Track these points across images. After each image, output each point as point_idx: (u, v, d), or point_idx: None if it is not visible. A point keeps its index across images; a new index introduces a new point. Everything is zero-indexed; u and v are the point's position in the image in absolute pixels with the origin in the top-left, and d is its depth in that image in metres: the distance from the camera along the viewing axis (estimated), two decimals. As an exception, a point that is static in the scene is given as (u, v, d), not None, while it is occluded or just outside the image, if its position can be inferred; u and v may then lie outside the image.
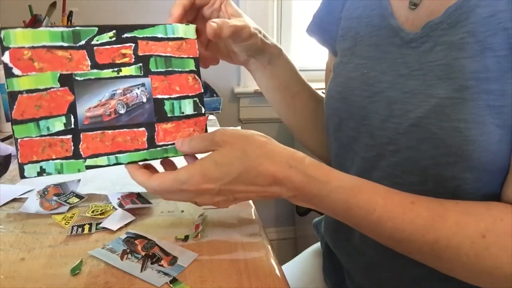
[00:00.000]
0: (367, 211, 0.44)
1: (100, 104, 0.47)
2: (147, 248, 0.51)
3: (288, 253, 1.60)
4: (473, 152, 0.45)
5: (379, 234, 0.46)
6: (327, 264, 0.75)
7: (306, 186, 0.45)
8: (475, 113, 0.44)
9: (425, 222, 0.43)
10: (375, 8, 0.57)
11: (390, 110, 0.52)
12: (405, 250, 0.46)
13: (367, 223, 0.45)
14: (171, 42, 0.50)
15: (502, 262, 0.42)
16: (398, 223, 0.44)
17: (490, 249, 0.42)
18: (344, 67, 0.60)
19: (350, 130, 0.58)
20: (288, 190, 0.45)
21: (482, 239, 0.42)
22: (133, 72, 0.48)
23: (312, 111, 0.71)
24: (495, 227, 0.42)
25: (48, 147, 0.45)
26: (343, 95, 0.59)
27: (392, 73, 0.53)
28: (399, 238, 0.44)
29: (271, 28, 1.50)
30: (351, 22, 0.61)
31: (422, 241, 0.43)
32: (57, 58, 0.45)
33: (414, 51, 0.51)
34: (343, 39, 0.62)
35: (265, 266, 0.49)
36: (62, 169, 0.46)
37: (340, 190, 0.45)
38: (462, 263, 0.43)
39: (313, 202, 0.46)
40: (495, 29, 0.44)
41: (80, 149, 0.46)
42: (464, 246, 0.42)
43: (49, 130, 0.45)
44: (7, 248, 0.51)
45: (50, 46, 0.45)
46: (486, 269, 0.42)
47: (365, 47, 0.57)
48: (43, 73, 0.44)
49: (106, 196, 0.63)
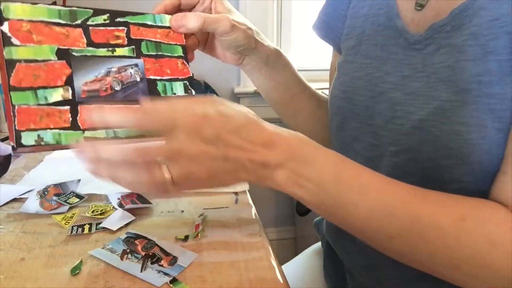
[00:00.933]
0: (354, 177, 0.44)
1: (96, 79, 0.48)
2: (147, 248, 0.51)
3: (288, 253, 1.60)
4: (474, 155, 0.45)
5: (362, 209, 0.43)
6: (328, 264, 0.75)
7: (299, 147, 0.44)
8: (476, 116, 0.44)
9: (408, 197, 0.43)
10: (382, 7, 0.57)
11: (393, 111, 0.52)
12: (387, 230, 0.43)
13: (352, 192, 0.43)
14: (159, 30, 0.53)
15: (480, 249, 0.41)
16: (382, 193, 0.43)
17: (469, 234, 0.41)
18: (348, 66, 0.60)
19: (353, 129, 0.58)
20: (280, 153, 0.42)
21: (461, 221, 0.42)
22: (127, 53, 0.50)
23: (312, 112, 0.71)
24: (475, 213, 0.42)
25: (45, 116, 0.44)
26: (348, 94, 0.59)
27: (397, 74, 0.53)
28: (382, 211, 0.43)
29: (271, 28, 1.50)
30: (356, 20, 0.61)
31: (405, 217, 0.42)
32: (55, 33, 0.47)
33: (418, 53, 0.51)
34: (348, 37, 0.62)
35: (265, 266, 0.49)
36: (60, 139, 0.45)
37: (330, 154, 0.45)
38: (442, 246, 0.42)
39: (300, 171, 0.43)
40: (498, 33, 0.44)
41: (78, 121, 0.46)
42: (444, 226, 0.42)
43: (47, 100, 0.45)
44: (7, 248, 0.51)
45: (48, 21, 0.46)
46: (465, 257, 0.42)
47: (370, 46, 0.57)
48: (41, 45, 0.46)
49: (106, 196, 0.63)
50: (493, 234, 0.42)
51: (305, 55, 1.59)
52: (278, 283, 0.46)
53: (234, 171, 0.42)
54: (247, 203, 0.63)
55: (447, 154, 0.46)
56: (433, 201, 0.43)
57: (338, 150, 0.62)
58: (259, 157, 0.42)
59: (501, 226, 0.42)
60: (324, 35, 0.70)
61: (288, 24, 1.56)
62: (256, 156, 0.42)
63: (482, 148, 0.45)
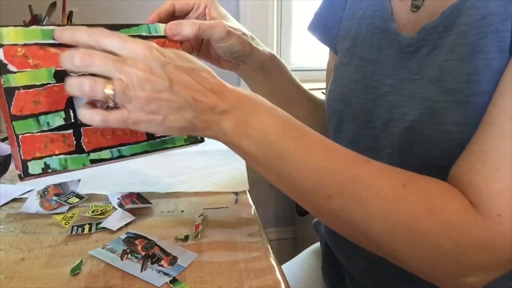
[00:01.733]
0: (301, 131, 0.45)
1: None
2: (147, 248, 0.51)
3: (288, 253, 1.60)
4: None
5: (305, 163, 0.43)
6: (327, 264, 0.75)
7: (249, 99, 0.44)
8: (467, 116, 0.44)
9: (351, 158, 0.44)
10: (378, 9, 0.57)
11: (391, 114, 0.52)
12: (327, 187, 0.43)
13: (298, 144, 0.43)
14: (155, 40, 0.52)
15: (417, 215, 0.41)
16: (326, 151, 0.44)
17: (408, 199, 0.41)
18: (344, 68, 0.60)
19: (350, 132, 0.58)
20: (229, 101, 0.43)
21: (402, 187, 0.42)
22: None
23: (308, 116, 0.70)
24: (416, 181, 0.43)
25: (50, 143, 0.44)
26: (345, 97, 0.58)
27: (394, 77, 0.53)
28: (324, 167, 0.43)
29: (271, 28, 1.50)
30: (352, 22, 0.61)
31: (345, 175, 0.42)
32: (50, 55, 0.45)
33: (413, 55, 0.51)
34: (343, 39, 0.62)
35: (265, 266, 0.49)
36: (67, 164, 0.45)
37: (280, 111, 0.45)
38: (380, 209, 0.41)
39: (247, 120, 0.43)
40: (485, 32, 0.44)
41: (83, 144, 0.46)
42: (384, 188, 0.42)
43: (50, 125, 0.44)
44: (7, 248, 0.51)
45: (42, 43, 0.45)
46: (401, 221, 0.41)
47: (366, 48, 0.57)
48: (38, 69, 0.44)
49: (106, 196, 0.63)
50: (432, 202, 0.41)
51: (305, 55, 1.59)
52: (278, 283, 0.46)
53: (177, 107, 0.41)
54: (247, 203, 0.63)
55: (439, 155, 0.46)
56: (376, 167, 0.44)
57: None
58: (206, 100, 0.42)
59: (442, 197, 0.41)
60: (320, 36, 0.69)
61: (288, 24, 1.55)
62: (204, 98, 0.42)
63: None
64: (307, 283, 0.77)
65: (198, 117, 0.42)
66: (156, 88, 0.40)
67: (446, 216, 0.40)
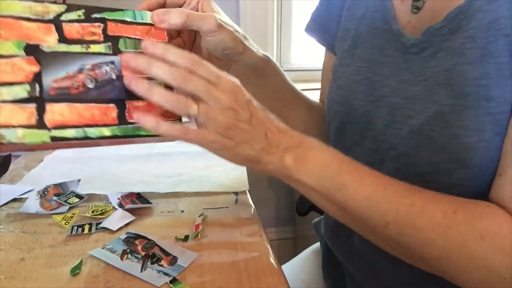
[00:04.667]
0: (355, 167, 0.46)
1: (67, 76, 0.46)
2: (147, 248, 0.51)
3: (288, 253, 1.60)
4: (473, 159, 0.45)
5: (361, 193, 0.45)
6: (327, 264, 0.75)
7: (306, 138, 0.47)
8: (475, 120, 0.44)
9: (404, 189, 0.45)
10: (379, 10, 0.56)
11: (393, 116, 0.52)
12: (382, 217, 0.45)
13: (352, 177, 0.46)
14: (139, 27, 0.50)
15: (470, 241, 0.42)
16: (380, 181, 0.46)
17: (460, 225, 0.42)
18: (345, 69, 0.60)
19: (352, 134, 0.58)
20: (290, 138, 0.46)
21: (454, 214, 0.43)
22: (102, 50, 0.48)
23: (303, 119, 0.68)
24: (467, 208, 0.43)
25: (9, 113, 0.42)
26: (345, 98, 0.58)
27: (396, 78, 0.52)
28: (379, 197, 0.45)
29: (271, 28, 1.49)
30: (351, 22, 0.60)
31: (400, 203, 0.44)
32: (24, 28, 0.45)
33: (416, 57, 0.50)
34: (343, 39, 0.62)
35: (265, 266, 0.49)
36: (24, 138, 0.43)
37: (332, 149, 0.48)
38: (434, 234, 0.43)
39: (306, 155, 0.46)
40: (496, 35, 0.44)
41: (45, 119, 0.44)
42: (437, 215, 0.43)
43: (12, 96, 0.43)
44: (7, 248, 0.51)
45: (17, 16, 0.44)
46: (456, 247, 0.42)
47: (367, 49, 0.57)
48: (8, 41, 0.44)
49: (106, 196, 0.63)
50: (483, 228, 0.42)
51: (305, 55, 1.59)
52: (278, 283, 0.46)
53: (251, 138, 0.44)
54: (247, 203, 0.63)
55: (446, 158, 0.46)
56: (429, 195, 0.45)
57: None
58: (275, 137, 0.46)
59: (492, 222, 0.42)
60: (318, 37, 0.69)
61: (288, 24, 1.55)
62: (273, 135, 0.46)
63: (481, 151, 0.44)
64: (307, 283, 0.77)
65: (266, 150, 0.45)
66: (238, 118, 0.44)
67: (498, 241, 0.42)
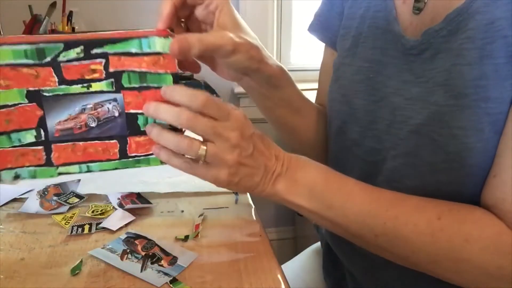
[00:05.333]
0: (341, 182, 0.49)
1: (70, 118, 0.47)
2: (147, 248, 0.51)
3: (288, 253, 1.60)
4: (471, 159, 0.45)
5: (348, 210, 0.48)
6: (327, 264, 0.75)
7: (296, 159, 0.49)
8: (474, 120, 0.44)
9: (388, 200, 0.48)
10: (380, 10, 0.56)
11: (394, 116, 0.52)
12: (371, 231, 0.48)
13: (340, 196, 0.48)
14: (146, 57, 0.46)
15: (456, 245, 0.44)
16: (365, 197, 0.48)
17: (445, 231, 0.44)
18: (346, 68, 0.60)
19: (354, 133, 0.58)
20: (282, 164, 0.48)
21: (437, 220, 0.45)
22: (104, 87, 0.46)
23: (312, 127, 0.67)
24: (451, 213, 0.45)
25: (21, 156, 0.47)
26: (347, 98, 0.58)
27: (398, 79, 0.52)
28: (366, 212, 0.47)
29: (271, 28, 1.50)
30: (353, 21, 0.60)
31: (385, 216, 0.47)
32: (23, 75, 0.44)
33: (416, 58, 0.51)
34: (344, 38, 0.62)
35: (265, 266, 0.49)
36: (35, 175, 0.48)
37: (320, 166, 0.50)
38: (420, 242, 0.45)
39: (296, 178, 0.48)
40: (494, 37, 0.44)
41: (52, 158, 0.48)
42: (421, 224, 0.45)
43: (21, 141, 0.46)
44: (7, 248, 0.51)
45: (14, 64, 0.44)
46: (442, 251, 0.45)
47: (368, 49, 0.57)
48: (9, 90, 0.44)
49: (106, 196, 0.63)
50: (468, 231, 0.44)
51: (305, 55, 1.59)
52: (278, 283, 0.46)
53: (252, 173, 0.47)
54: (247, 203, 0.63)
55: (445, 158, 0.47)
56: (412, 204, 0.47)
57: (337, 154, 0.62)
58: (272, 165, 0.48)
59: (477, 225, 0.44)
60: (322, 36, 0.69)
61: (288, 24, 1.55)
62: (270, 163, 0.48)
63: (479, 151, 0.45)
64: (308, 283, 0.77)
65: (263, 180, 0.48)
66: (242, 154, 0.45)
67: (482, 243, 0.43)
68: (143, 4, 1.40)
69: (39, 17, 1.15)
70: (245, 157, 0.45)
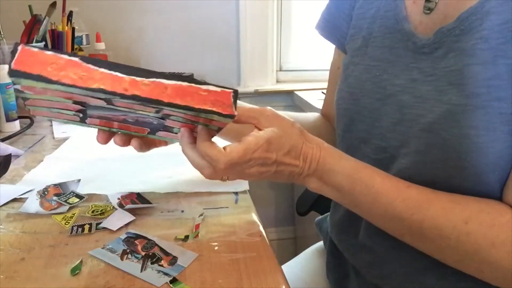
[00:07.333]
0: (367, 186, 0.49)
1: (110, 115, 0.47)
2: (147, 248, 0.51)
3: (288, 253, 1.60)
4: (482, 159, 0.45)
5: (375, 211, 0.50)
6: (331, 261, 0.75)
7: (324, 160, 0.50)
8: (486, 120, 0.44)
9: (415, 203, 0.48)
10: (390, 10, 0.57)
11: (402, 114, 0.52)
12: (397, 230, 0.50)
13: (366, 198, 0.50)
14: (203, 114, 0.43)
15: (481, 249, 0.44)
16: (391, 200, 0.48)
17: (471, 235, 0.45)
18: (355, 67, 0.60)
19: (360, 131, 0.58)
20: (310, 166, 0.50)
21: (464, 225, 0.45)
22: (151, 114, 0.45)
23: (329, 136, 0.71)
24: (478, 217, 0.45)
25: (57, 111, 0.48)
26: (355, 96, 0.59)
27: (405, 77, 0.53)
28: (392, 215, 0.49)
29: (271, 28, 1.49)
30: (363, 22, 0.61)
31: (411, 220, 0.47)
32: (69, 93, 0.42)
33: (427, 57, 0.51)
34: (354, 38, 0.62)
35: (265, 266, 0.49)
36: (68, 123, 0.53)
37: (346, 166, 0.51)
38: (445, 245, 0.46)
39: (324, 178, 0.51)
40: (507, 37, 0.44)
41: (87, 122, 0.51)
42: (446, 229, 0.46)
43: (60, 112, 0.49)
44: (7, 248, 0.51)
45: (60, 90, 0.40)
46: (467, 254, 0.45)
47: (377, 48, 0.57)
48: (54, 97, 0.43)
49: (106, 196, 0.63)
50: (495, 236, 0.44)
51: (305, 55, 1.59)
52: (278, 283, 0.46)
53: (276, 178, 0.51)
54: (247, 203, 0.63)
55: (456, 157, 0.47)
56: (439, 207, 0.47)
57: (345, 152, 0.62)
58: (298, 170, 0.50)
59: (504, 229, 0.44)
60: (328, 35, 0.69)
61: (288, 24, 1.55)
62: (296, 169, 0.50)
63: (491, 151, 0.45)
64: (308, 283, 0.77)
65: (290, 180, 0.52)
66: (263, 175, 0.49)
67: (508, 247, 0.43)
68: (143, 4, 1.40)
69: (39, 17, 1.15)
70: (267, 176, 0.50)
